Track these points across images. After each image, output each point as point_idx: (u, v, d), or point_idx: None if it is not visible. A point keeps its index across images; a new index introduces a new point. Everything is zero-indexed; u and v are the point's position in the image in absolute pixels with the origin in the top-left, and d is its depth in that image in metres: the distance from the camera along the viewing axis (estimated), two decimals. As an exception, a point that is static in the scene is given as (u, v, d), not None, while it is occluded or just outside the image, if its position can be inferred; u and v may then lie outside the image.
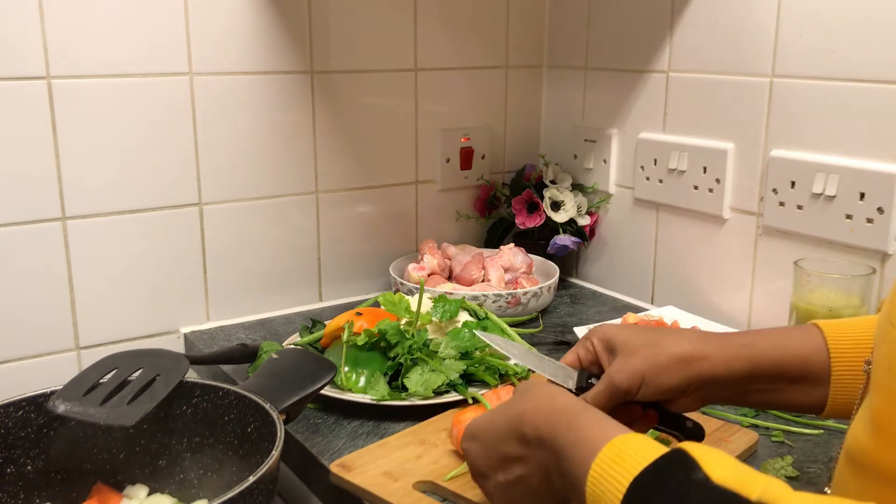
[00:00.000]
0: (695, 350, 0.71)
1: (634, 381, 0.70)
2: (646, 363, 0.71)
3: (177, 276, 1.25)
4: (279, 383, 0.86)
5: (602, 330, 0.76)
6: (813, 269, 1.01)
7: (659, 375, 0.70)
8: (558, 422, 0.61)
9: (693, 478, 0.49)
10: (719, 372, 0.71)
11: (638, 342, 0.72)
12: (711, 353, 0.71)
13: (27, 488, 0.83)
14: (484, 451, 0.67)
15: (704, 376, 0.71)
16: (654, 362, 0.70)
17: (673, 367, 0.71)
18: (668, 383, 0.71)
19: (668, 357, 0.71)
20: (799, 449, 0.91)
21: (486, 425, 0.68)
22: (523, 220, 1.46)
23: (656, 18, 1.32)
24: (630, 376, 0.70)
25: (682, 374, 0.71)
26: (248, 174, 1.28)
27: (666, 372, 0.70)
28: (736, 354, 0.71)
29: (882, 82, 1.04)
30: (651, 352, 0.71)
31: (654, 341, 0.72)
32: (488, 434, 0.67)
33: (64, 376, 0.87)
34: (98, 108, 1.14)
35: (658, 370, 0.70)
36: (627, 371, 0.71)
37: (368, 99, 1.37)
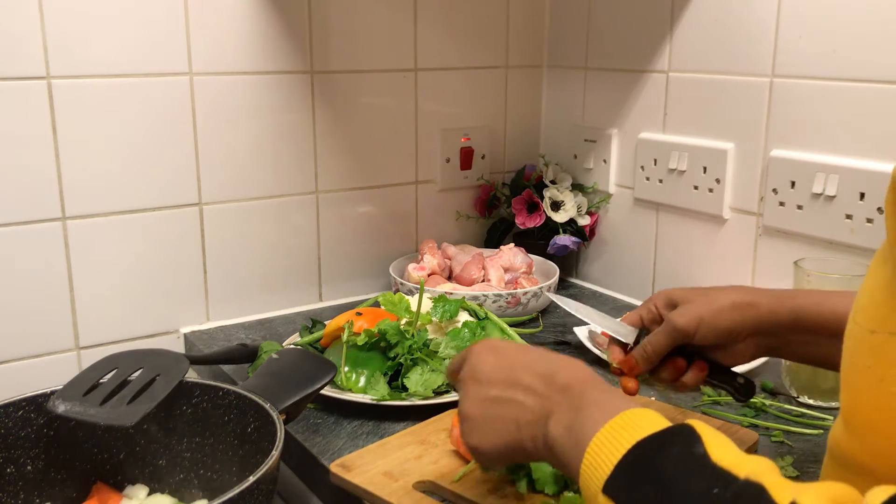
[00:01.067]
0: (744, 297, 0.80)
1: (692, 322, 0.79)
2: (703, 308, 0.79)
3: (177, 276, 1.25)
4: (279, 383, 0.86)
5: (663, 292, 0.85)
6: (813, 269, 1.01)
7: (714, 318, 0.79)
8: (591, 384, 0.63)
9: (693, 450, 0.52)
10: (766, 318, 0.79)
11: (695, 294, 0.81)
12: (760, 301, 0.79)
13: (27, 488, 0.83)
14: (497, 364, 0.68)
15: (754, 321, 0.79)
16: (710, 308, 0.79)
17: (726, 312, 0.79)
18: (722, 325, 0.79)
19: (722, 303, 0.79)
20: (799, 449, 0.91)
21: (514, 349, 0.70)
22: (523, 220, 1.46)
23: (656, 18, 1.32)
24: (689, 318, 0.79)
25: (734, 317, 0.79)
26: (248, 174, 1.28)
27: (720, 315, 0.79)
28: (781, 304, 0.78)
29: (882, 82, 1.04)
30: (707, 299, 0.80)
31: (710, 292, 0.81)
32: (513, 356, 0.68)
33: (64, 376, 0.87)
34: (98, 108, 1.14)
35: (713, 314, 0.79)
36: (687, 314, 0.79)
37: (368, 99, 1.37)
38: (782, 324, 0.78)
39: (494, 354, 0.69)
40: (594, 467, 0.54)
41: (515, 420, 0.64)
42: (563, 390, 0.63)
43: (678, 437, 0.53)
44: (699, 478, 0.50)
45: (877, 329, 0.52)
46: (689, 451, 0.52)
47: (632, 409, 0.58)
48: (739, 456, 0.51)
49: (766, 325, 0.79)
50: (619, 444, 0.54)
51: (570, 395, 0.62)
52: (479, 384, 0.68)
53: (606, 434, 0.55)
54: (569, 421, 0.60)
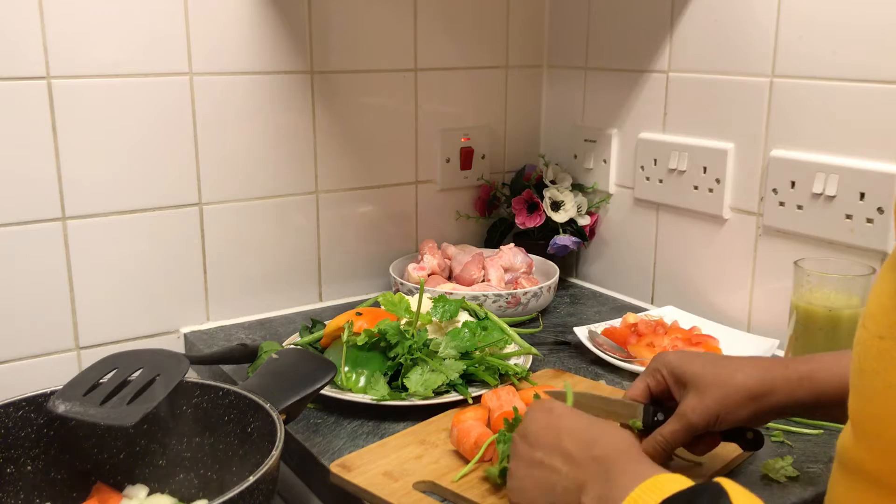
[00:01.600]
0: (762, 386, 0.76)
1: (710, 419, 0.76)
2: (718, 403, 0.76)
3: (177, 276, 1.25)
4: (279, 383, 0.86)
5: (669, 360, 0.81)
6: (813, 269, 1.01)
7: (730, 413, 0.76)
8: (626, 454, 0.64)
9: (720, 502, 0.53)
10: (785, 403, 0.76)
11: (708, 377, 0.77)
12: (777, 386, 0.76)
13: (27, 488, 0.83)
14: (546, 426, 0.70)
15: (772, 408, 0.77)
16: (727, 402, 0.76)
17: (743, 404, 0.76)
18: (739, 418, 0.77)
19: (739, 395, 0.76)
20: (799, 449, 0.91)
21: (570, 416, 0.71)
22: (523, 220, 1.46)
23: (656, 18, 1.32)
24: (705, 416, 0.76)
25: (751, 409, 0.76)
26: (248, 174, 1.28)
27: (737, 409, 0.76)
28: (799, 385, 0.76)
29: (882, 82, 1.04)
30: (723, 391, 0.76)
31: (724, 376, 0.77)
32: (561, 421, 0.70)
33: (64, 376, 0.87)
34: (98, 108, 1.14)
35: (730, 408, 0.76)
36: (702, 410, 0.76)
37: (368, 99, 1.37)
38: (802, 405, 0.77)
39: (547, 416, 0.71)
40: None
41: (552, 487, 0.66)
42: (598, 460, 0.64)
43: (705, 493, 0.54)
44: None
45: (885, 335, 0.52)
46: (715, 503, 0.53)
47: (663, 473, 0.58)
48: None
49: (785, 408, 0.77)
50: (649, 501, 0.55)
51: (604, 465, 0.63)
52: (527, 444, 0.70)
53: (636, 496, 0.56)
54: (600, 491, 0.61)
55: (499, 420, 0.87)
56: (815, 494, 0.82)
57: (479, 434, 0.85)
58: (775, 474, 0.84)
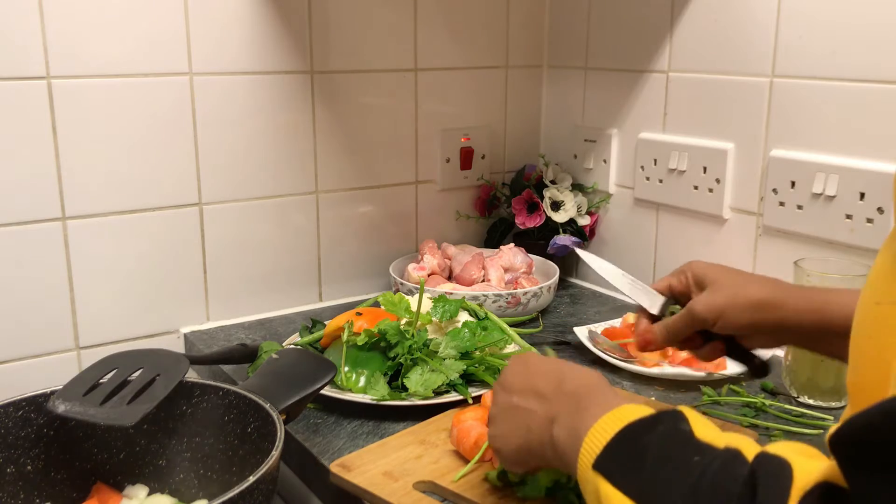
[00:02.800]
0: (772, 297, 0.79)
1: (713, 314, 0.80)
2: (726, 301, 0.79)
3: (177, 276, 1.25)
4: (279, 383, 0.86)
5: (698, 264, 0.85)
6: (813, 269, 1.01)
7: (735, 314, 0.79)
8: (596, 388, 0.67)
9: (679, 427, 0.55)
10: (791, 321, 0.78)
11: (725, 281, 0.81)
12: (787, 302, 0.78)
13: (27, 488, 0.83)
14: (521, 373, 0.72)
15: (776, 321, 0.79)
16: (734, 302, 0.79)
17: (749, 309, 0.79)
18: (741, 321, 0.79)
19: (747, 299, 0.79)
20: (799, 449, 0.91)
21: (540, 360, 0.74)
22: (523, 220, 1.46)
23: (656, 18, 1.32)
24: (710, 309, 0.80)
25: (756, 316, 0.79)
26: (248, 174, 1.28)
27: (742, 312, 0.79)
28: (809, 308, 0.78)
29: (882, 82, 1.04)
30: (733, 292, 0.80)
31: (740, 283, 0.81)
32: (535, 366, 0.72)
33: (64, 376, 0.87)
34: (98, 108, 1.14)
35: (736, 309, 0.79)
36: (709, 304, 0.80)
37: (368, 99, 1.37)
38: (807, 327, 0.78)
39: (523, 365, 0.74)
40: (588, 452, 0.57)
41: (527, 425, 0.68)
42: (568, 394, 0.66)
43: (665, 417, 0.57)
44: (682, 449, 0.53)
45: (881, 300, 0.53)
46: (674, 428, 0.55)
47: (628, 404, 0.60)
48: (722, 434, 0.54)
49: (789, 326, 0.79)
50: (612, 428, 0.57)
51: (573, 398, 0.65)
52: (504, 390, 0.73)
53: (601, 423, 0.58)
54: (570, 422, 0.63)
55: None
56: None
57: (479, 434, 0.85)
58: (775, 474, 0.84)
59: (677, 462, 0.52)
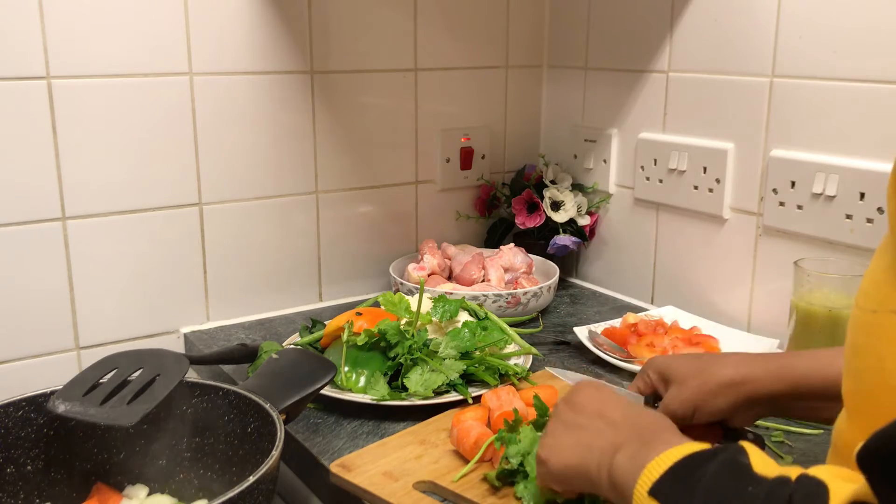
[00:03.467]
0: (738, 375, 0.79)
1: (687, 408, 0.79)
2: (695, 392, 0.79)
3: (177, 276, 1.25)
4: (279, 383, 0.86)
5: (657, 362, 0.85)
6: (813, 269, 1.01)
7: (708, 402, 0.79)
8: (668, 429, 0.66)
9: (737, 459, 0.55)
10: (763, 393, 0.78)
11: (687, 372, 0.81)
12: (755, 376, 0.78)
13: (27, 488, 0.83)
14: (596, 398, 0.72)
15: (750, 398, 0.78)
16: (703, 390, 0.79)
17: (720, 393, 0.78)
18: (717, 407, 0.79)
19: (716, 384, 0.79)
20: (799, 449, 0.91)
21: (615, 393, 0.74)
22: (523, 220, 1.46)
23: (656, 18, 1.32)
24: (683, 405, 0.79)
25: (728, 397, 0.78)
26: (248, 174, 1.28)
27: (714, 398, 0.78)
28: (777, 376, 0.78)
29: (882, 82, 1.04)
30: (699, 381, 0.79)
31: (702, 370, 0.80)
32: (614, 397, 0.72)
33: (64, 376, 0.87)
34: (98, 108, 1.14)
35: (706, 397, 0.79)
36: (680, 400, 0.79)
37: (368, 99, 1.37)
38: (782, 396, 0.78)
39: (597, 391, 0.73)
40: (646, 478, 0.57)
41: (589, 445, 0.68)
42: (640, 428, 0.66)
43: (726, 450, 0.56)
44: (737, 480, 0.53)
45: (878, 309, 0.53)
46: (733, 460, 0.55)
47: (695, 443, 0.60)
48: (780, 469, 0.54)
49: (764, 398, 0.78)
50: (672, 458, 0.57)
51: (645, 433, 0.65)
52: (571, 409, 0.72)
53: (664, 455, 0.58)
54: (635, 452, 0.63)
55: (499, 420, 0.87)
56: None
57: (479, 434, 0.85)
58: (775, 474, 0.84)
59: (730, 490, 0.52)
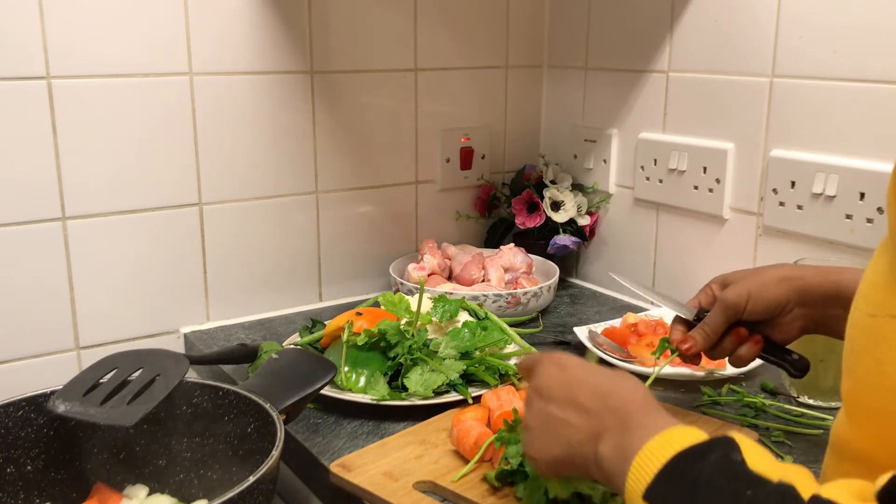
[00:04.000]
0: (791, 272, 0.85)
1: (742, 297, 0.84)
2: (750, 283, 0.85)
3: (177, 276, 1.25)
4: (279, 383, 0.86)
5: (718, 277, 0.90)
6: (813, 269, 1.01)
7: (761, 291, 0.84)
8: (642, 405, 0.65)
9: (731, 457, 0.54)
10: (811, 289, 0.83)
11: (746, 273, 0.87)
12: (805, 274, 0.84)
13: (27, 488, 0.83)
14: (562, 382, 0.70)
15: (799, 292, 0.83)
16: (758, 281, 0.85)
17: (773, 284, 0.84)
18: (769, 297, 0.84)
19: (769, 277, 0.85)
20: (799, 449, 0.91)
21: (581, 369, 0.71)
22: (523, 220, 1.46)
23: (656, 18, 1.32)
24: (738, 293, 0.84)
25: (780, 289, 0.84)
26: (248, 174, 1.28)
27: (767, 288, 0.84)
28: (826, 278, 0.83)
29: (882, 82, 1.04)
30: (755, 276, 0.86)
31: (759, 270, 0.87)
32: (575, 373, 0.70)
33: (64, 376, 0.87)
34: (98, 108, 1.14)
35: (761, 287, 0.84)
36: (736, 290, 0.85)
37: (368, 99, 1.37)
38: (826, 295, 0.82)
39: (559, 370, 0.71)
40: (637, 479, 0.56)
41: (568, 438, 0.67)
42: (614, 411, 0.65)
43: (718, 446, 0.55)
44: (735, 481, 0.52)
45: (876, 313, 0.53)
46: (727, 458, 0.54)
47: (678, 426, 0.59)
48: (775, 464, 0.53)
49: (811, 296, 0.83)
50: (662, 455, 0.56)
51: (620, 416, 0.64)
52: (541, 398, 0.70)
53: (651, 448, 0.57)
54: (617, 441, 0.62)
55: (499, 420, 0.87)
56: (815, 494, 0.82)
57: (479, 434, 0.85)
58: (775, 474, 0.84)
59: (729, 495, 0.51)
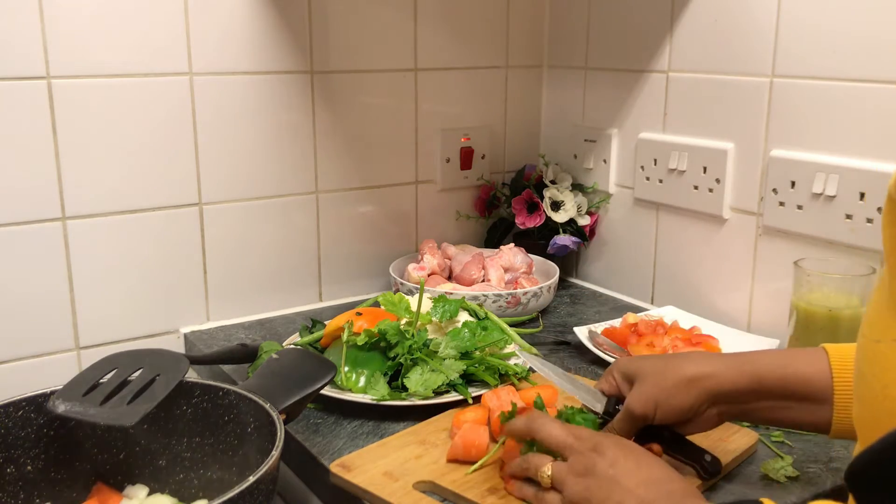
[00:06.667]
0: (699, 370, 0.77)
1: (648, 406, 0.78)
2: (657, 388, 0.78)
3: (177, 276, 1.25)
4: (279, 383, 0.86)
5: (621, 363, 0.84)
6: (813, 269, 1.01)
7: (670, 398, 0.77)
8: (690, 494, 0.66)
9: None
10: (725, 388, 0.77)
11: (650, 370, 0.79)
12: (717, 371, 0.77)
13: (27, 488, 0.83)
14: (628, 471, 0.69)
15: (712, 393, 0.77)
16: (664, 386, 0.77)
17: (681, 388, 0.77)
18: (678, 403, 0.77)
19: (677, 379, 0.77)
20: (799, 449, 0.91)
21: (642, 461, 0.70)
22: (523, 220, 1.46)
23: (656, 18, 1.32)
24: (644, 402, 0.78)
25: (690, 393, 0.77)
26: (248, 174, 1.28)
27: (676, 393, 0.77)
28: (740, 371, 0.77)
29: (882, 82, 1.04)
30: (660, 377, 0.78)
31: (664, 367, 0.79)
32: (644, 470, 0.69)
33: (64, 376, 0.87)
34: (98, 108, 1.14)
35: (668, 393, 0.77)
36: (641, 398, 0.78)
37: (368, 99, 1.37)
38: (743, 392, 0.77)
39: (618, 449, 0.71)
40: None
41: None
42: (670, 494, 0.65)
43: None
44: None
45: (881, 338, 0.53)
46: None
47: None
48: None
49: (725, 395, 0.77)
50: None
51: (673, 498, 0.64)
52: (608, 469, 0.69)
53: None
54: None
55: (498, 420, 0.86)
56: (814, 494, 0.82)
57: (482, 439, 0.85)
58: (775, 474, 0.84)
59: None
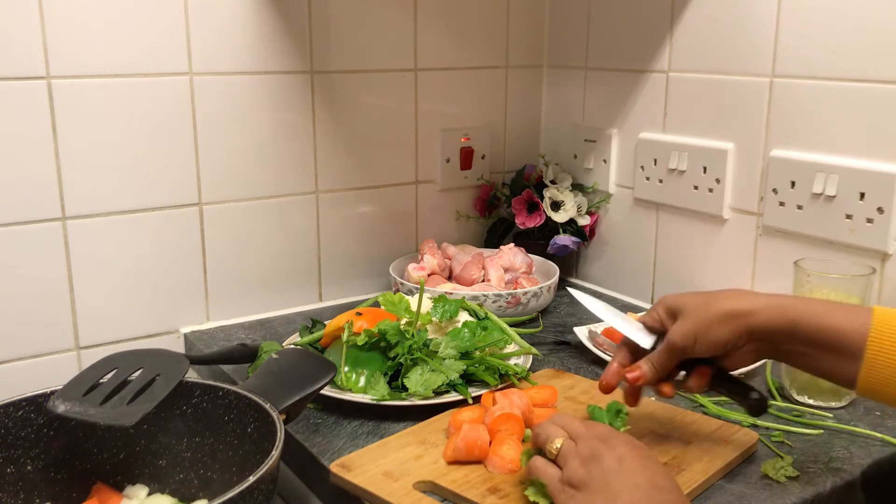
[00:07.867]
0: (741, 306, 0.79)
1: (688, 338, 0.80)
2: (697, 322, 0.80)
3: (177, 276, 1.25)
4: (279, 383, 0.86)
5: (667, 298, 0.85)
6: (813, 269, 1.01)
7: (708, 332, 0.79)
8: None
9: None
10: (762, 326, 0.78)
11: (692, 304, 0.82)
12: (756, 309, 0.79)
13: (27, 488, 0.83)
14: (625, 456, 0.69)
15: (749, 329, 0.79)
16: (704, 320, 0.80)
17: (721, 322, 0.79)
18: (717, 337, 0.79)
19: (716, 314, 0.79)
20: (799, 449, 0.91)
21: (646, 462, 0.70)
22: (523, 220, 1.46)
23: (656, 18, 1.32)
24: (684, 335, 0.80)
25: (729, 327, 0.79)
26: (248, 174, 1.28)
27: (714, 328, 0.79)
28: (779, 314, 0.78)
29: (882, 82, 1.04)
30: (702, 311, 0.80)
31: (706, 302, 0.81)
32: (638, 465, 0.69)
33: (64, 376, 0.87)
34: (98, 108, 1.14)
35: (708, 326, 0.79)
36: (682, 331, 0.80)
37: (368, 99, 1.37)
38: (779, 333, 0.78)
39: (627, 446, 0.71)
40: None
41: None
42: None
43: None
44: None
45: None
46: None
47: None
48: None
49: (761, 333, 0.79)
50: None
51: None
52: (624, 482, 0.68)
53: None
54: None
55: (497, 420, 0.86)
56: (814, 494, 0.82)
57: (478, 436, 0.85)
58: (775, 474, 0.84)
59: None
